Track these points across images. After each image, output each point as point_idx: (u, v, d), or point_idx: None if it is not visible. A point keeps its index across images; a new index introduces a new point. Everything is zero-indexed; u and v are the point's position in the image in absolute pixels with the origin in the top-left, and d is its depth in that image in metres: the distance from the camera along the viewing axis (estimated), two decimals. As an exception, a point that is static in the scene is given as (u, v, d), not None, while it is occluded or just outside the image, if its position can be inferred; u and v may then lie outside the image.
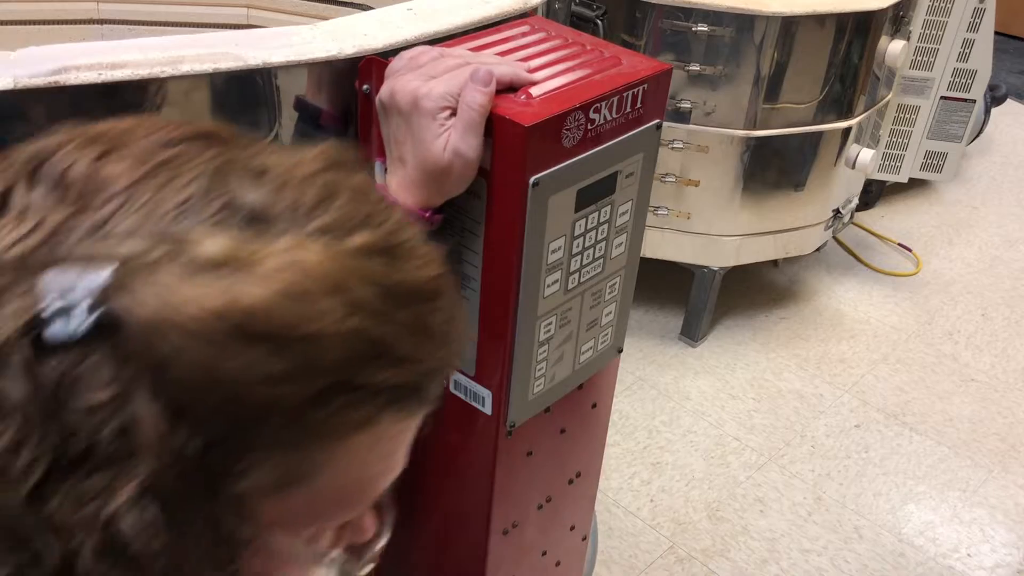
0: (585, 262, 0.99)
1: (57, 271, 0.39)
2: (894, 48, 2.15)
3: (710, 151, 2.07)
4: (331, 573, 0.54)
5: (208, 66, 0.89)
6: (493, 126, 0.86)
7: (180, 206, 0.42)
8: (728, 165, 2.09)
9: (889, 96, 2.37)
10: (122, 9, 1.68)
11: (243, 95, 0.94)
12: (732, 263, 2.26)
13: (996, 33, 2.53)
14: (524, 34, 1.01)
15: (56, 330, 0.38)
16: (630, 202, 1.01)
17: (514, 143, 0.85)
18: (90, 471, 0.39)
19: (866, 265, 2.75)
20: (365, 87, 0.96)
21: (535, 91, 0.88)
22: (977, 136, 3.11)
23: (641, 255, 1.09)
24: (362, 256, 0.43)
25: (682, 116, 2.04)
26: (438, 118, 0.83)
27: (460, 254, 0.95)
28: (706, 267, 2.28)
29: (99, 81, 0.84)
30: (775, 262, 2.66)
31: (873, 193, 2.97)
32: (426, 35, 0.98)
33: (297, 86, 0.95)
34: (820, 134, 2.12)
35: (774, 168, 2.12)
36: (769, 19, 1.93)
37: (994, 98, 3.13)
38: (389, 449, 0.50)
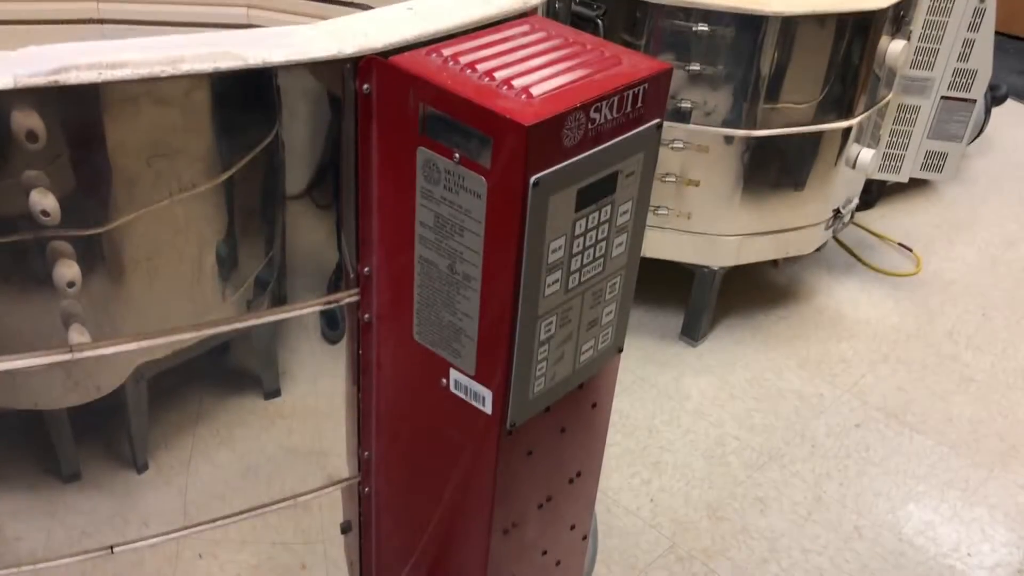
0: (585, 262, 0.99)
1: None
2: (894, 48, 2.15)
3: (710, 151, 2.07)
4: None
5: (208, 66, 0.89)
6: (493, 125, 0.86)
7: None
8: (728, 165, 2.09)
9: (889, 96, 2.37)
10: (122, 9, 1.68)
11: (243, 95, 0.94)
12: (732, 263, 2.26)
13: (996, 33, 2.53)
14: (524, 34, 1.01)
15: None
16: (630, 202, 1.01)
17: (515, 143, 0.85)
18: None
19: (866, 265, 2.75)
20: (365, 87, 0.96)
21: (535, 90, 0.88)
22: (977, 136, 3.11)
23: (641, 255, 1.09)
24: None
25: (682, 116, 2.04)
26: None
27: (460, 254, 0.95)
28: (706, 267, 2.28)
29: (99, 81, 0.84)
30: (775, 262, 2.65)
31: (873, 193, 2.97)
32: (426, 35, 0.98)
33: (297, 86, 0.96)
34: (820, 134, 2.12)
35: (774, 168, 2.12)
36: (769, 19, 1.93)
37: (994, 98, 3.13)
38: None
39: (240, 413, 1.13)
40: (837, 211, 2.32)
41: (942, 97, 2.57)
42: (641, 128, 0.97)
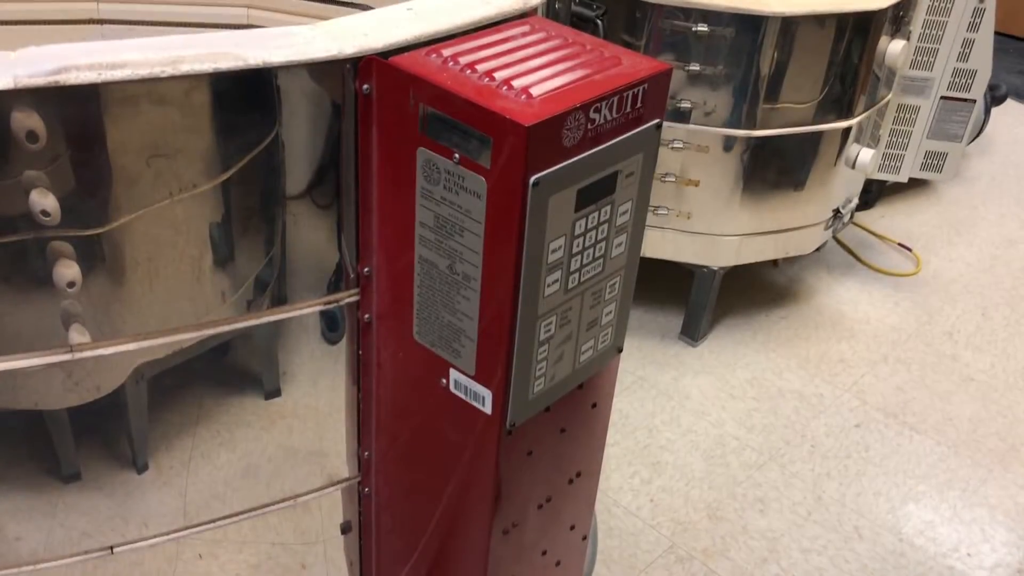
0: (585, 262, 0.99)
1: None
2: (894, 48, 2.15)
3: (710, 151, 2.07)
4: None
5: (208, 66, 0.89)
6: (493, 126, 0.86)
7: None
8: (728, 165, 2.09)
9: (889, 96, 2.37)
10: (122, 9, 1.68)
11: (243, 95, 0.94)
12: (732, 263, 2.26)
13: (996, 33, 2.53)
14: (524, 34, 1.01)
15: None
16: (630, 202, 1.01)
17: (514, 143, 0.85)
18: None
19: (866, 265, 2.75)
20: (365, 87, 0.96)
21: (535, 91, 0.89)
22: (977, 136, 3.11)
23: (641, 255, 1.09)
24: None
25: (682, 116, 2.04)
26: None
27: (460, 254, 0.95)
28: (706, 267, 2.28)
29: (99, 81, 0.84)
30: (775, 262, 2.65)
31: (873, 193, 2.97)
32: (426, 35, 0.98)
33: (297, 86, 0.96)
34: (820, 134, 2.12)
35: (774, 168, 2.12)
36: (769, 19, 1.93)
37: (994, 98, 3.13)
38: None
39: (240, 413, 1.13)
40: (837, 211, 2.32)
41: (942, 97, 2.57)
42: (641, 128, 0.97)
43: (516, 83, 0.89)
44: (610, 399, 1.21)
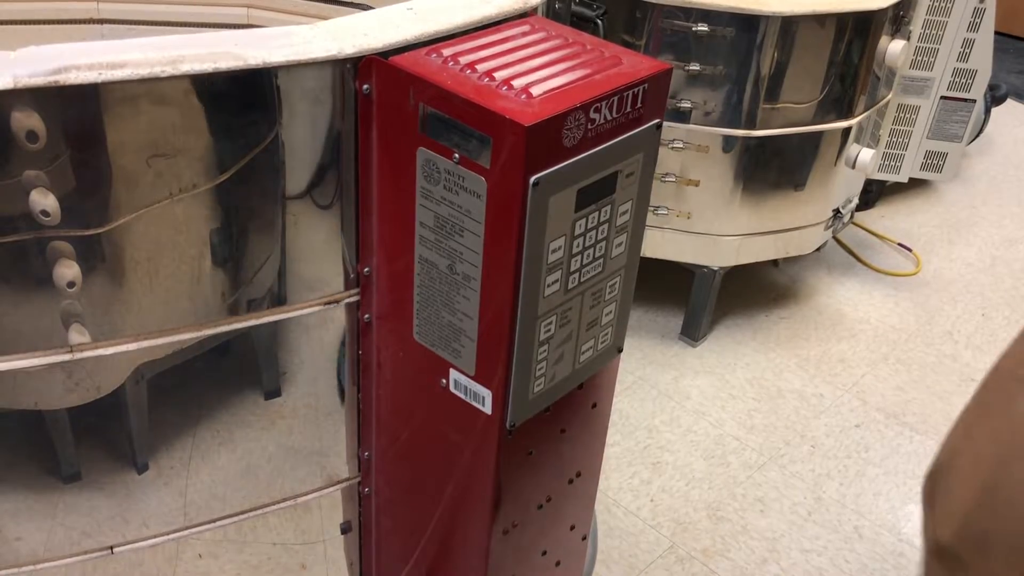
0: (585, 262, 0.99)
1: None
2: (894, 48, 2.15)
3: (710, 151, 2.07)
4: None
5: (208, 66, 0.89)
6: (493, 125, 0.86)
7: None
8: (728, 165, 2.09)
9: (889, 96, 2.37)
10: (122, 9, 1.68)
11: (243, 95, 0.94)
12: (732, 263, 2.26)
13: (996, 33, 2.53)
14: (524, 34, 1.01)
15: None
16: (630, 202, 1.01)
17: (514, 143, 0.85)
18: None
19: (866, 265, 2.75)
20: (365, 87, 0.96)
21: (535, 91, 0.89)
22: (977, 136, 3.11)
23: (641, 255, 1.09)
24: None
25: (682, 116, 2.04)
26: None
27: (460, 254, 0.95)
28: (706, 267, 2.28)
29: (99, 81, 0.85)
30: (775, 262, 2.65)
31: (873, 193, 2.97)
32: (426, 35, 0.98)
33: (297, 86, 0.96)
34: (820, 134, 2.12)
35: (774, 168, 2.12)
36: (769, 19, 1.93)
37: (994, 98, 3.13)
38: None
39: (240, 413, 1.13)
40: (837, 211, 2.32)
41: (942, 97, 2.57)
42: (641, 128, 0.97)
43: (516, 83, 0.89)
44: (610, 399, 1.21)
